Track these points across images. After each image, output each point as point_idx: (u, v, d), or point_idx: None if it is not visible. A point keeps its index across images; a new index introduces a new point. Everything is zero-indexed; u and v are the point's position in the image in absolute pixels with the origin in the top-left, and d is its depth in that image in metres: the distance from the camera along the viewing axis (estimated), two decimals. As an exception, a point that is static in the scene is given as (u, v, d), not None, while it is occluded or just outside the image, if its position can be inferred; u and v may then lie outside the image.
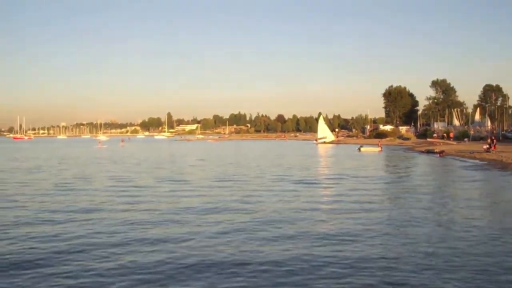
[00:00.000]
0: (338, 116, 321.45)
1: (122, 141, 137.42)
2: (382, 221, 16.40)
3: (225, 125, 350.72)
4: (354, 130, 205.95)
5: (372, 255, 11.91)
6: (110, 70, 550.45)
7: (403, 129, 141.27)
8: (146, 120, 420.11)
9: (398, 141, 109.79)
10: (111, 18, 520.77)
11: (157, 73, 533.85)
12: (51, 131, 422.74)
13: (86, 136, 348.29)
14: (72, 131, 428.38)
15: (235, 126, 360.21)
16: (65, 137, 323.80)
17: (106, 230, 15.09)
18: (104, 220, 16.87)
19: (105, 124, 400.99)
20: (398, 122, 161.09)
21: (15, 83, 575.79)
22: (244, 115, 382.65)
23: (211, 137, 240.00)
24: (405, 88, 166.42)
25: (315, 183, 29.29)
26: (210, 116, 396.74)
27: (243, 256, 11.81)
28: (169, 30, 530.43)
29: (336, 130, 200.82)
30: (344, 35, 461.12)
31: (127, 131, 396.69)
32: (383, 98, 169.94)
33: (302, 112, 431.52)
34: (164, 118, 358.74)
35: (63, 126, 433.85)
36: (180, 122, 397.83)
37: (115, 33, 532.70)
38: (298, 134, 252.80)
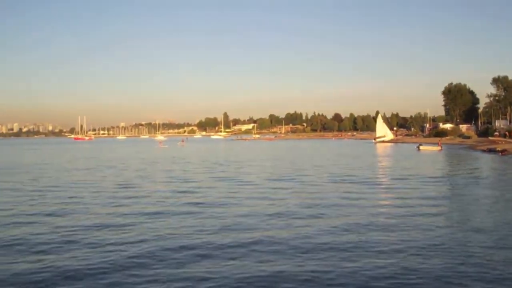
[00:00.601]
0: (397, 115, 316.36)
1: (182, 141, 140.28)
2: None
3: (281, 125, 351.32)
4: (413, 128, 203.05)
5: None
6: (168, 72, 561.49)
7: (463, 127, 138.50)
8: (203, 120, 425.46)
9: (459, 139, 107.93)
10: (170, 22, 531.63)
11: (214, 74, 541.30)
12: (111, 132, 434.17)
13: (145, 136, 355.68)
14: (131, 131, 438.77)
15: (291, 125, 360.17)
16: (124, 137, 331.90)
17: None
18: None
19: (163, 124, 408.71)
20: (458, 120, 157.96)
21: (76, 85, 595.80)
22: (300, 114, 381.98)
23: (267, 136, 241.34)
24: (465, 85, 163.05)
25: (378, 184, 29.08)
26: (266, 116, 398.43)
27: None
28: (227, 29, 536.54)
29: (395, 128, 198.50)
30: (403, 32, 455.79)
31: (184, 131, 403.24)
32: (442, 96, 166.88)
33: (359, 110, 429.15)
34: (220, 118, 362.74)
35: (122, 127, 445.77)
36: (236, 122, 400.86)
37: (173, 35, 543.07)
38: (355, 133, 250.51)
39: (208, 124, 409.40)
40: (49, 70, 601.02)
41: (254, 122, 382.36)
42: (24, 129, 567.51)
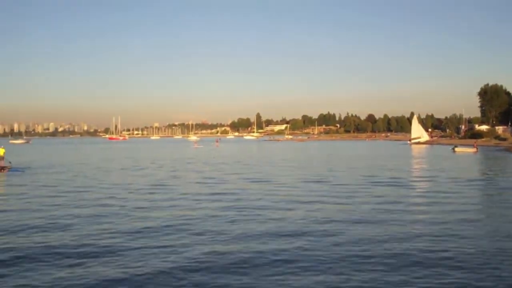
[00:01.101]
0: (431, 116, 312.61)
1: (217, 141, 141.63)
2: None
3: (314, 125, 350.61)
4: (448, 130, 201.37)
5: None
6: (201, 73, 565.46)
7: (499, 129, 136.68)
8: (236, 120, 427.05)
9: (495, 141, 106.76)
10: (204, 23, 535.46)
11: (247, 75, 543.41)
12: (145, 132, 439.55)
13: (178, 136, 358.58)
14: (164, 131, 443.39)
15: (324, 126, 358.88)
16: (157, 137, 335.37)
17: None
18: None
19: (196, 125, 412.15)
20: (494, 122, 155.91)
21: (111, 85, 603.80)
22: (334, 115, 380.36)
23: (299, 137, 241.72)
24: (501, 86, 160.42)
25: (414, 187, 28.71)
26: (299, 116, 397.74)
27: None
28: (263, 31, 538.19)
29: (429, 130, 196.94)
30: (439, 33, 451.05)
31: (217, 132, 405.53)
32: (478, 97, 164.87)
33: (393, 111, 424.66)
34: (253, 118, 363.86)
35: (156, 127, 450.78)
36: (269, 122, 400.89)
37: (207, 35, 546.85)
38: (389, 134, 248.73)
39: (240, 125, 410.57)
40: (86, 72, 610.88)
41: (287, 122, 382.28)
42: (60, 129, 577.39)
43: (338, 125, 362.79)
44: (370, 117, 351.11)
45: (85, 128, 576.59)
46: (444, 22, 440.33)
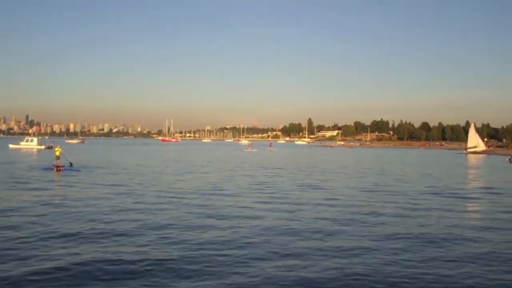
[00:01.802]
0: (487, 125, 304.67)
1: (270, 145, 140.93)
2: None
3: (366, 132, 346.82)
4: (504, 140, 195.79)
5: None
6: (253, 77, 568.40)
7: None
8: (287, 125, 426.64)
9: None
10: (255, 28, 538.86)
11: (298, 80, 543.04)
12: (197, 135, 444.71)
13: (229, 140, 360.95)
14: (216, 135, 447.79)
15: (376, 133, 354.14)
16: (209, 140, 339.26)
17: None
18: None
19: (247, 128, 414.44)
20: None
21: (165, 88, 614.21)
22: (387, 122, 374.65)
23: (351, 143, 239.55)
24: None
25: (474, 198, 27.12)
26: (351, 123, 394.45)
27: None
28: (316, 37, 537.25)
29: (485, 139, 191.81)
30: (493, 41, 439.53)
31: (268, 136, 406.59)
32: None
33: (448, 119, 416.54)
34: (305, 124, 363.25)
35: (208, 130, 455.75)
36: (321, 128, 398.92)
37: (257, 41, 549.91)
38: (443, 142, 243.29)
39: (292, 130, 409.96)
40: (139, 75, 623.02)
41: (339, 128, 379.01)
42: (114, 130, 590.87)
43: (391, 132, 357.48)
44: (424, 125, 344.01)
45: (139, 129, 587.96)
46: (504, 31, 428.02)
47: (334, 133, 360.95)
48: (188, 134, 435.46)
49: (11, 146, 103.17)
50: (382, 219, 18.65)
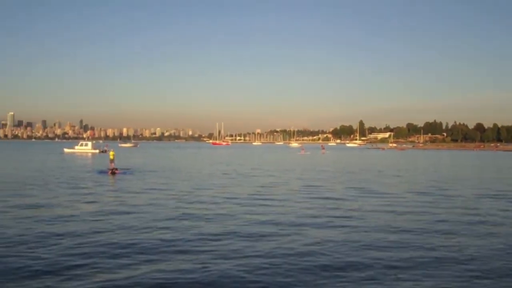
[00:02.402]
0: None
1: (323, 148, 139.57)
2: None
3: (419, 134, 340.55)
4: None
5: None
6: (303, 80, 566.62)
7: None
8: (338, 128, 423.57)
9: None
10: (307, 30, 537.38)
11: (349, 81, 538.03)
12: (247, 138, 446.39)
13: (279, 143, 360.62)
14: (266, 137, 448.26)
15: (429, 135, 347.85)
16: (259, 143, 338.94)
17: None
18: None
19: (298, 131, 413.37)
20: None
21: (216, 92, 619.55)
22: (440, 124, 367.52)
23: (404, 145, 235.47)
24: None
25: None
26: (403, 124, 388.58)
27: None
28: (365, 37, 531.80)
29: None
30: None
31: (318, 139, 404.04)
32: None
33: (504, 120, 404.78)
34: (356, 126, 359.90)
35: (258, 133, 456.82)
36: (372, 130, 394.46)
37: (309, 42, 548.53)
38: (498, 144, 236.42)
39: (343, 132, 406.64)
40: (191, 79, 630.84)
41: (391, 130, 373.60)
42: (166, 134, 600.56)
43: (444, 134, 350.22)
44: (479, 126, 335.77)
45: (190, 133, 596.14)
46: None
47: (386, 135, 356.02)
48: (238, 137, 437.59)
49: (66, 150, 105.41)
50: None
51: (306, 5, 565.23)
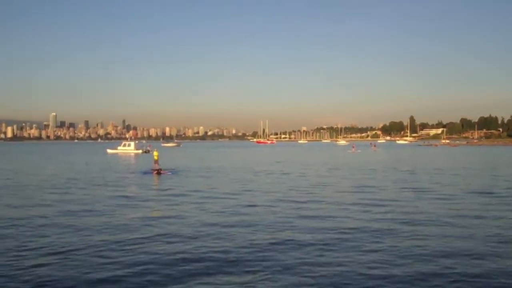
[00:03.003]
0: None
1: (374, 145, 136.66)
2: None
3: (474, 129, 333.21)
4: None
5: None
6: (350, 74, 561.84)
7: None
8: (387, 124, 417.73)
9: None
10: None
11: (398, 75, 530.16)
12: (292, 136, 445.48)
13: (326, 140, 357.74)
14: (312, 135, 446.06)
15: (484, 130, 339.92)
16: (305, 141, 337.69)
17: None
18: None
19: (345, 128, 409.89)
20: None
21: (260, 90, 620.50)
22: (495, 118, 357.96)
23: (457, 142, 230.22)
24: None
25: None
26: (456, 120, 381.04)
27: None
28: (415, 32, 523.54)
29: None
30: None
31: (367, 136, 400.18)
32: None
33: None
34: (406, 122, 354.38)
35: (303, 131, 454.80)
36: (424, 126, 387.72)
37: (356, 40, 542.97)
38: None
39: (392, 128, 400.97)
40: (234, 77, 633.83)
41: (443, 126, 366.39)
42: (209, 133, 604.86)
43: (500, 129, 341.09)
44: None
45: (233, 132, 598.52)
46: None
47: (439, 131, 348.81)
48: (283, 135, 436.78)
49: (109, 151, 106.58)
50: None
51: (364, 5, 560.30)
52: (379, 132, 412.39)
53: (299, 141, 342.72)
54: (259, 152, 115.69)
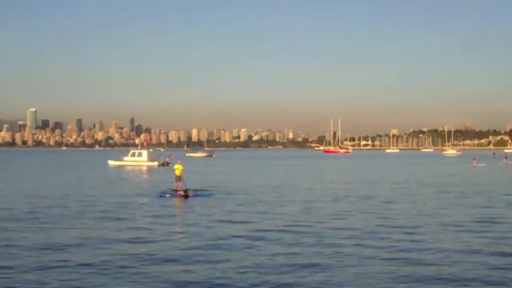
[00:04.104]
0: None
1: (506, 157, 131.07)
2: None
3: None
4: None
5: None
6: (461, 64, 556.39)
7: None
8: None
9: None
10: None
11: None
12: (376, 142, 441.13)
13: (427, 149, 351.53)
14: (406, 141, 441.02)
15: None
16: (395, 150, 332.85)
17: None
18: None
19: (455, 132, 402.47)
20: None
21: (329, 80, 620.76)
22: None
23: None
24: None
25: None
26: None
27: None
28: None
29: None
30: None
31: (488, 143, 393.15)
32: None
33: None
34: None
35: (393, 135, 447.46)
36: None
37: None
38: None
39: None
40: (290, 61, 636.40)
41: None
42: (255, 137, 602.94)
43: None
44: None
45: (290, 135, 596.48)
46: None
47: None
48: (363, 142, 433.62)
49: (111, 163, 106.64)
50: None
51: None
52: (506, 138, 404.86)
53: (387, 150, 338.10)
54: (328, 167, 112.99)
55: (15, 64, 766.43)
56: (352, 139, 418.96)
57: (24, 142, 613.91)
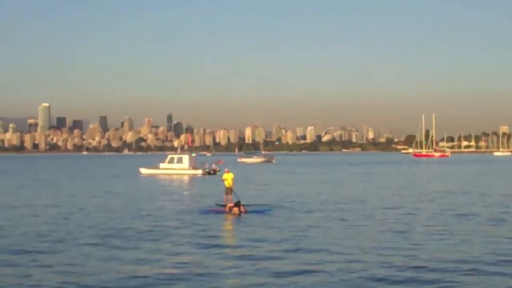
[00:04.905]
0: None
1: None
2: None
3: None
4: None
5: None
6: None
7: None
8: None
9: None
10: None
11: None
12: (482, 142, 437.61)
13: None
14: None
15: None
16: (507, 153, 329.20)
17: None
18: None
19: None
20: None
21: (419, 65, 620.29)
22: None
23: None
24: None
25: None
26: None
27: None
28: None
29: None
30: None
31: None
32: None
33: None
34: None
35: (503, 133, 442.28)
36: None
37: None
38: None
39: None
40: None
41: None
42: (324, 138, 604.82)
43: None
44: None
45: (369, 135, 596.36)
46: None
47: None
48: (464, 143, 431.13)
49: (143, 171, 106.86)
50: None
51: None
52: None
53: (495, 153, 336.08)
54: (422, 175, 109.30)
55: (23, 52, 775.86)
56: (450, 139, 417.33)
57: (35, 146, 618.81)
